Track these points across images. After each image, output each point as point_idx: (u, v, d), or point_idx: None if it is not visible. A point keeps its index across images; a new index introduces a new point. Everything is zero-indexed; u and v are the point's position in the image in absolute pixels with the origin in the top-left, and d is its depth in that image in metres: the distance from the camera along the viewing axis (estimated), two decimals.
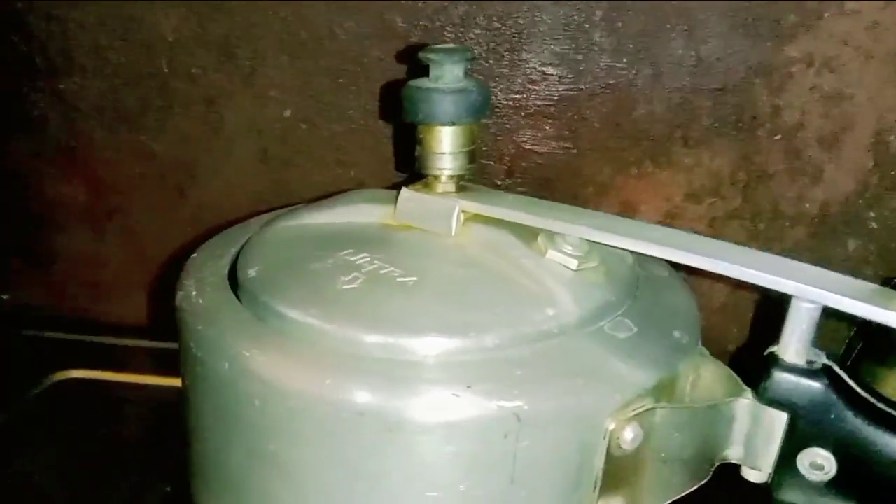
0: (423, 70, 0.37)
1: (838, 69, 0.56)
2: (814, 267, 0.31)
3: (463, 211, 0.36)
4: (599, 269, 0.35)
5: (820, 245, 0.60)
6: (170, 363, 0.61)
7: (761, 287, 0.30)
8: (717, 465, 0.34)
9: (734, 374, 0.33)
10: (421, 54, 0.36)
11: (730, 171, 0.59)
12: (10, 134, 0.67)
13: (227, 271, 0.38)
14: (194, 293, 0.36)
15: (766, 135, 0.58)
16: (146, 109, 0.65)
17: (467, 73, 0.36)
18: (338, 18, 0.59)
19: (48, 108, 0.66)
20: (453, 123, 0.35)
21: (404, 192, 0.38)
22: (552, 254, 0.35)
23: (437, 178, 0.37)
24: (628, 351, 0.32)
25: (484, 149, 0.60)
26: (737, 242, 0.59)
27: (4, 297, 0.72)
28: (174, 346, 0.37)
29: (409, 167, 0.38)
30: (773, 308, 0.33)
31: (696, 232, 0.59)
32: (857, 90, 0.56)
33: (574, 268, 0.34)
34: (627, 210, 0.61)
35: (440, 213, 0.36)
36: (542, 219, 0.35)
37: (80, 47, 0.63)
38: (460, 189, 0.38)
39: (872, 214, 0.59)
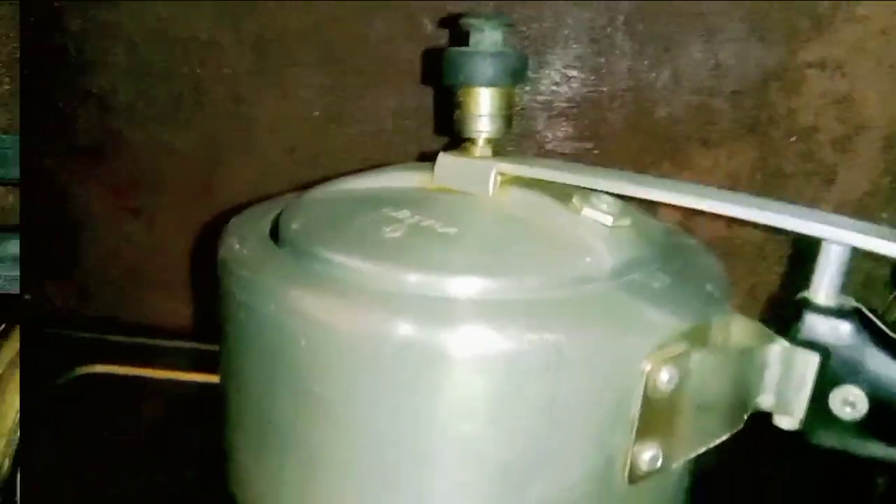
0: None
1: (850, 73, 0.58)
2: (842, 216, 0.32)
3: (500, 173, 0.38)
4: (633, 228, 0.36)
5: None
6: (198, 361, 0.62)
7: (793, 233, 0.31)
8: (750, 412, 0.34)
9: (765, 326, 0.34)
10: (462, 20, 0.37)
11: (747, 172, 0.61)
12: (40, 131, 0.68)
13: (268, 230, 0.39)
14: (237, 246, 0.37)
15: (782, 137, 0.60)
16: (177, 108, 0.66)
17: (505, 40, 0.38)
18: (368, 19, 0.61)
19: (79, 105, 0.68)
20: (493, 85, 0.37)
21: (442, 156, 0.39)
22: (587, 211, 0.36)
23: (474, 142, 0.39)
24: (663, 298, 0.33)
25: (509, 149, 0.62)
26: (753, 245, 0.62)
27: (27, 296, 0.73)
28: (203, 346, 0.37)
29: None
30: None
31: (715, 232, 0.61)
32: (868, 94, 0.58)
33: (609, 224, 0.36)
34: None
35: (477, 174, 0.38)
36: (578, 176, 0.36)
37: (114, 46, 0.65)
38: (496, 153, 0.39)
39: (885, 215, 0.60)
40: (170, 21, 0.64)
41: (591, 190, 0.37)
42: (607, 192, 0.37)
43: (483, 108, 0.37)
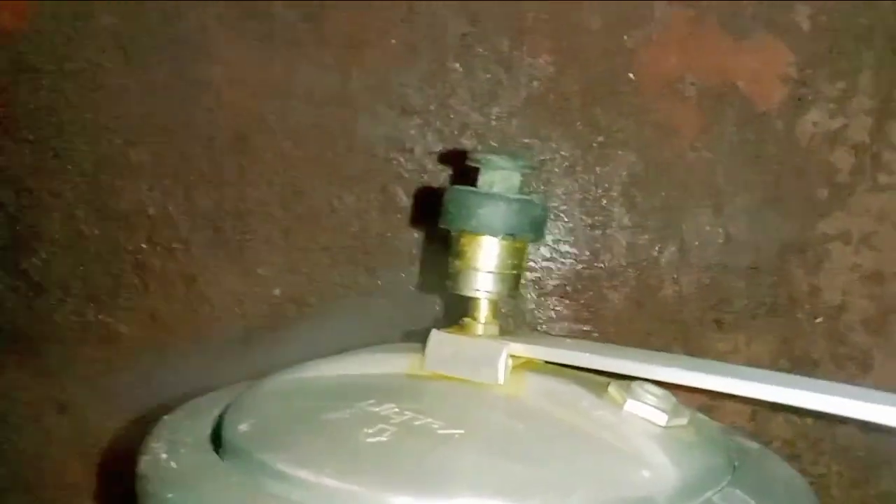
0: None
1: (878, 246, 0.52)
2: None
3: (511, 356, 0.29)
4: (692, 429, 0.28)
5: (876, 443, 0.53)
6: None
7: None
8: None
9: None
10: (473, 155, 0.30)
11: (770, 357, 0.53)
12: None
13: (209, 432, 0.29)
14: (164, 456, 0.27)
15: (806, 318, 0.53)
16: (118, 288, 0.58)
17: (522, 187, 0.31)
18: (338, 192, 0.55)
19: (5, 287, 0.59)
20: (508, 236, 0.29)
21: (435, 334, 0.31)
22: (633, 405, 0.27)
23: (475, 316, 0.31)
24: None
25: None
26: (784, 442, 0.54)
27: None
28: None
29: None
30: None
31: (737, 427, 0.52)
32: None
33: (663, 424, 0.27)
34: None
35: (483, 357, 0.29)
36: (616, 361, 0.28)
37: (51, 221, 0.58)
38: (503, 332, 0.31)
39: None
40: (115, 194, 0.57)
41: (630, 377, 0.28)
42: (651, 381, 0.28)
43: (491, 263, 0.29)
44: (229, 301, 0.57)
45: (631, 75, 0.53)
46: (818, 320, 0.53)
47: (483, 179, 0.30)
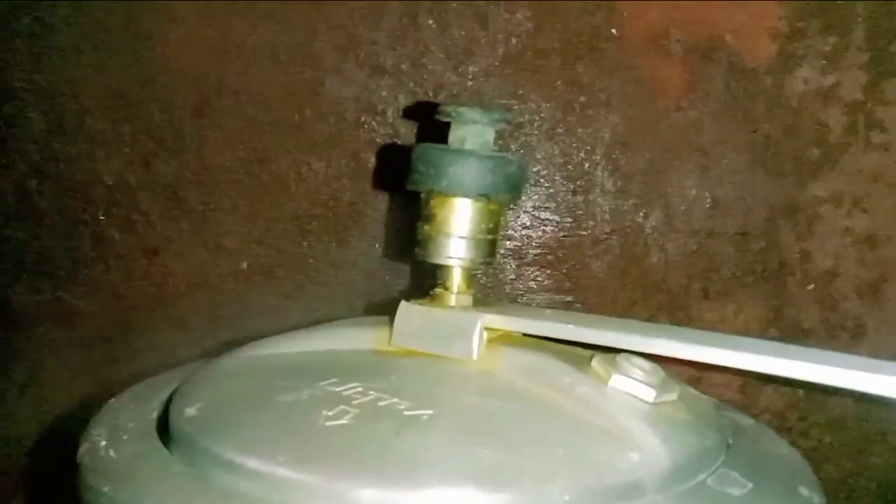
0: None
1: (871, 209, 0.50)
2: None
3: (486, 328, 0.27)
4: (681, 404, 0.25)
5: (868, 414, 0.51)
6: None
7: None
8: None
9: None
10: (443, 108, 0.27)
11: (759, 326, 0.51)
12: None
13: (156, 415, 0.27)
14: (104, 443, 0.25)
15: (797, 284, 0.51)
16: (75, 263, 0.55)
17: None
18: (306, 158, 0.52)
19: None
20: (483, 197, 0.26)
21: (404, 306, 0.28)
22: (618, 381, 0.25)
23: (447, 285, 0.28)
24: None
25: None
26: (774, 414, 0.52)
27: None
28: None
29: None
30: None
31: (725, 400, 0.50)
32: (894, 232, 0.50)
33: (651, 400, 0.25)
34: None
35: (455, 330, 0.27)
36: (600, 333, 0.25)
37: (2, 193, 0.55)
38: (477, 302, 0.28)
39: None
40: (70, 163, 0.54)
41: (615, 350, 0.26)
42: (638, 353, 0.26)
43: (464, 227, 0.27)
44: (193, 274, 0.54)
45: (613, 30, 0.50)
46: (809, 287, 0.51)
47: (454, 135, 0.27)
